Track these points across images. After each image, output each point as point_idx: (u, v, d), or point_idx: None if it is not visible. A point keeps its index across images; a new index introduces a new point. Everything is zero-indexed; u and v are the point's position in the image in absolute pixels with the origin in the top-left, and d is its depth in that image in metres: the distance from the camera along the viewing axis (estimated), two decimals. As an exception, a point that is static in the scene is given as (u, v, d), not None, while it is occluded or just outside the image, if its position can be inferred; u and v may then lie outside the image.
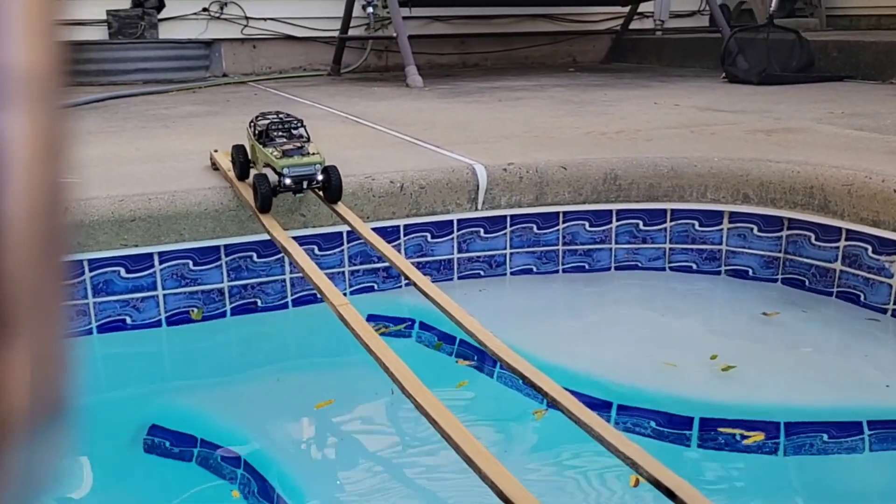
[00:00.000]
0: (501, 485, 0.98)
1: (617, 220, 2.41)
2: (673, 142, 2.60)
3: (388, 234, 2.23)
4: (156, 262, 2.02)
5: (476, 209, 2.31)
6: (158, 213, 1.98)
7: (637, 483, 1.34)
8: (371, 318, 2.14)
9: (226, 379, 1.88)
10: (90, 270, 1.97)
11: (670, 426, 1.62)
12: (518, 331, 2.02)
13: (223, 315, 2.11)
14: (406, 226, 2.26)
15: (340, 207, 1.94)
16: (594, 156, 2.40)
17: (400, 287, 2.27)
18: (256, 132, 1.94)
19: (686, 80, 4.92)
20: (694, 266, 2.42)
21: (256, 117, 1.98)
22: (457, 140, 2.68)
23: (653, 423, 1.64)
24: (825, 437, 1.58)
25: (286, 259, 2.12)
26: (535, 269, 2.42)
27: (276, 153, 1.83)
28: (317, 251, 2.18)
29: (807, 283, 2.25)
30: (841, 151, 2.35)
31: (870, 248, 2.08)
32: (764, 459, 1.54)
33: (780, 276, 2.32)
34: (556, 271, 2.43)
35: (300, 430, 1.69)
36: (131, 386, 1.87)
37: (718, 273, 2.40)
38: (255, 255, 2.12)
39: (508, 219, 2.36)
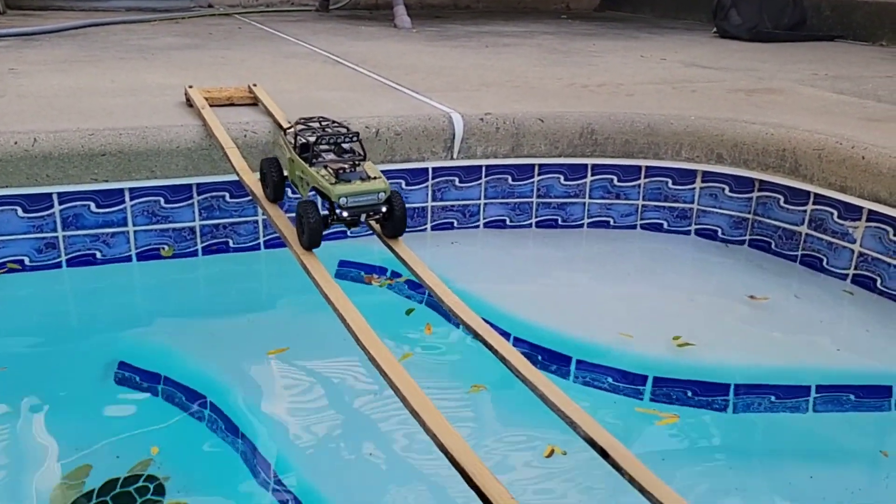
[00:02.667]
0: (444, 438, 1.01)
1: (592, 175, 2.42)
2: (653, 98, 2.59)
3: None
4: (126, 197, 2.02)
5: (452, 158, 2.31)
6: (129, 148, 1.96)
7: (551, 454, 1.38)
8: (343, 264, 2.16)
9: (196, 317, 1.89)
10: (60, 204, 1.96)
11: (625, 382, 1.67)
12: (487, 284, 2.05)
13: (195, 254, 2.12)
14: (381, 173, 2.26)
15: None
16: (573, 109, 2.39)
17: (371, 234, 2.29)
18: (297, 145, 1.56)
19: (677, 32, 4.87)
20: (665, 224, 2.44)
21: (296, 123, 1.63)
22: (437, 86, 2.66)
23: (609, 379, 1.68)
24: (773, 398, 1.63)
25: (258, 200, 2.12)
26: (508, 221, 2.43)
27: (327, 176, 1.45)
28: (290, 194, 2.18)
29: (773, 245, 2.29)
30: (818, 115, 2.36)
31: (835, 213, 2.11)
32: (714, 416, 1.59)
33: (747, 237, 2.35)
34: (530, 224, 2.45)
35: (267, 372, 1.71)
36: (101, 320, 1.88)
37: (688, 233, 2.42)
38: (227, 195, 2.12)
39: (484, 169, 2.36)
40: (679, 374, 1.67)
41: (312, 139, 1.53)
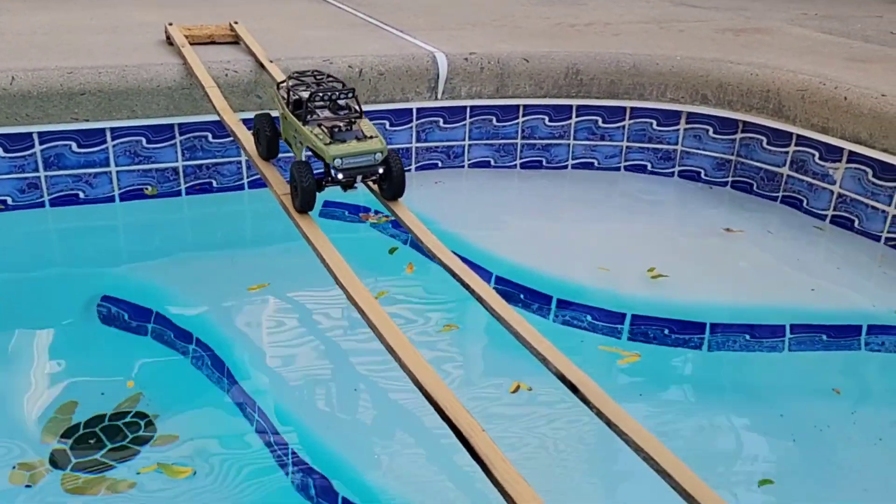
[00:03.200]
0: (418, 374, 1.04)
1: (577, 116, 2.41)
2: (640, 38, 2.57)
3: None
4: (108, 137, 2.01)
5: (436, 98, 2.30)
6: (109, 87, 1.94)
7: (517, 389, 1.42)
8: (327, 204, 2.17)
9: (180, 256, 1.91)
10: (40, 143, 1.95)
11: (604, 320, 1.70)
12: (471, 225, 2.06)
13: (178, 194, 2.12)
14: (364, 112, 2.24)
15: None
16: (559, 49, 2.37)
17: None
18: (290, 101, 1.49)
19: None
20: (649, 165, 2.45)
21: (289, 78, 1.55)
22: (422, 25, 2.63)
23: (589, 317, 1.71)
24: (747, 336, 1.66)
25: (241, 141, 2.11)
26: (492, 162, 2.44)
27: (321, 135, 1.38)
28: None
29: (755, 186, 2.30)
30: (803, 55, 2.35)
31: (817, 155, 2.12)
32: (689, 354, 1.63)
33: (730, 179, 2.36)
34: (514, 165, 2.45)
35: (251, 309, 1.73)
36: (85, 259, 1.89)
37: (672, 174, 2.43)
38: (210, 135, 2.11)
39: (468, 110, 2.35)
40: (656, 311, 1.70)
41: (306, 95, 1.45)
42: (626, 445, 0.97)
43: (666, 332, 1.67)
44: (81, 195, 2.03)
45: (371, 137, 1.39)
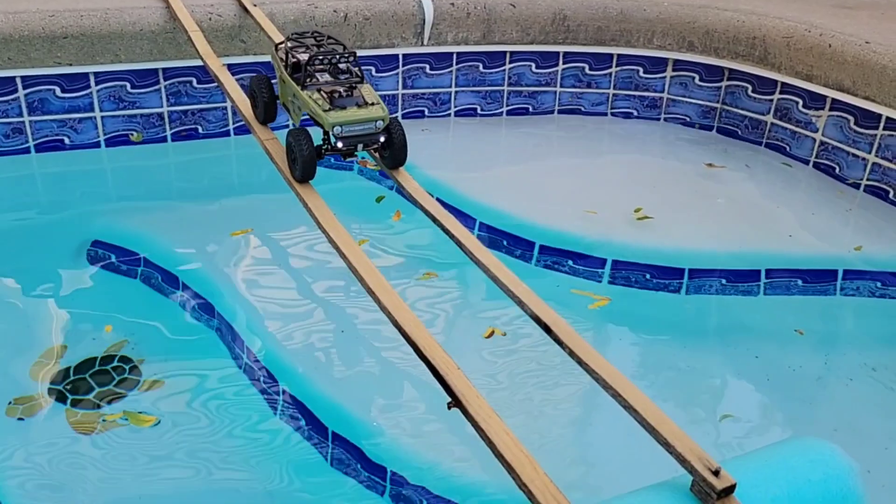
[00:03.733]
0: (397, 315, 1.07)
1: (563, 63, 2.41)
2: (628, -17, 2.55)
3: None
4: (92, 82, 2.00)
5: (422, 44, 2.28)
6: (91, 31, 1.93)
7: (491, 335, 1.46)
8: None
9: (166, 201, 1.92)
10: (24, 88, 1.94)
11: (585, 265, 1.73)
12: (457, 171, 2.07)
13: (163, 140, 2.12)
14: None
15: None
16: (546, -6, 2.35)
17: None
18: (289, 64, 1.42)
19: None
20: (635, 113, 2.45)
21: (288, 39, 1.48)
22: (409, -31, 2.59)
23: (570, 262, 1.74)
24: (724, 281, 1.70)
25: (226, 86, 2.11)
26: (479, 110, 2.44)
27: (321, 101, 1.32)
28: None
29: (739, 133, 2.31)
30: (789, 2, 2.33)
31: (800, 102, 2.13)
32: (669, 297, 1.66)
33: (715, 126, 2.37)
34: (501, 112, 2.45)
35: (236, 253, 1.75)
36: (72, 204, 1.90)
37: (658, 120, 2.44)
38: (194, 80, 2.10)
39: (455, 56, 2.34)
40: (638, 256, 1.73)
41: (305, 58, 1.38)
42: (596, 383, 1.01)
43: (647, 276, 1.70)
44: (67, 141, 2.03)
45: (372, 104, 1.33)
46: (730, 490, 0.86)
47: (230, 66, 1.81)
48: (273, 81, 1.54)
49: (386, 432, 1.23)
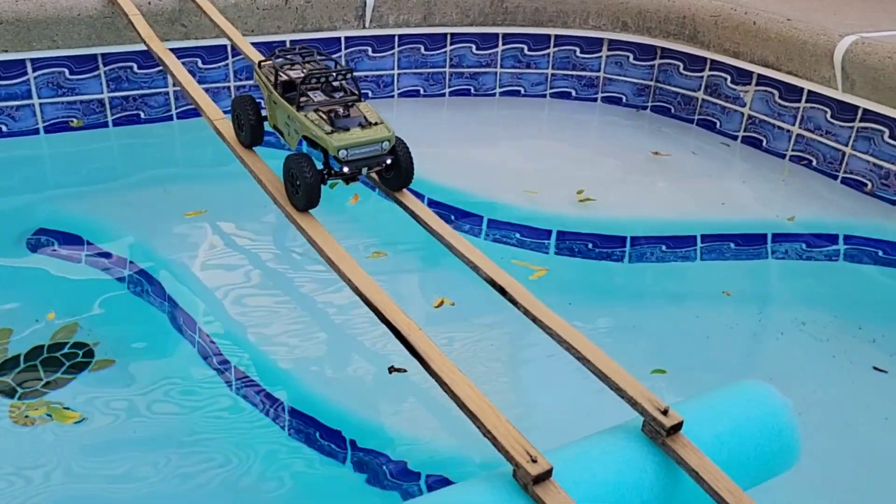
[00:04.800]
0: (357, 282, 1.11)
1: (503, 44, 2.46)
2: (563, -34, 2.61)
3: (274, 49, 2.21)
4: (29, 69, 1.96)
5: (364, 27, 2.31)
6: (27, 16, 1.89)
7: (440, 304, 1.51)
8: (269, 133, 2.17)
9: (110, 187, 1.90)
10: (-43, 76, 1.90)
11: (532, 237, 1.79)
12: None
13: (105, 125, 2.10)
14: (292, 41, 2.24)
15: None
16: (484, -24, 2.40)
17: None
18: (279, 83, 1.31)
19: None
20: (573, 92, 2.53)
21: (274, 56, 1.36)
22: (347, -47, 2.60)
23: (517, 235, 1.80)
24: (663, 247, 1.78)
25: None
26: (422, 91, 2.47)
27: (322, 124, 1.22)
28: (200, 64, 2.16)
29: (672, 110, 2.41)
30: (717, -17, 2.44)
31: (729, 78, 2.23)
32: (611, 265, 1.74)
33: (650, 104, 2.46)
34: (443, 94, 2.49)
35: (183, 235, 1.75)
36: (13, 191, 1.86)
37: (595, 100, 2.52)
38: (135, 65, 2.08)
39: (396, 38, 2.37)
40: (581, 227, 1.81)
41: (296, 75, 1.29)
42: (551, 338, 1.07)
43: (590, 246, 1.77)
44: (4, 129, 1.99)
45: (376, 124, 1.24)
46: (677, 427, 0.92)
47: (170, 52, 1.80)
48: (258, 100, 1.43)
49: (346, 402, 1.27)
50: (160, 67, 2.09)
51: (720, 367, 1.44)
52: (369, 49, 2.35)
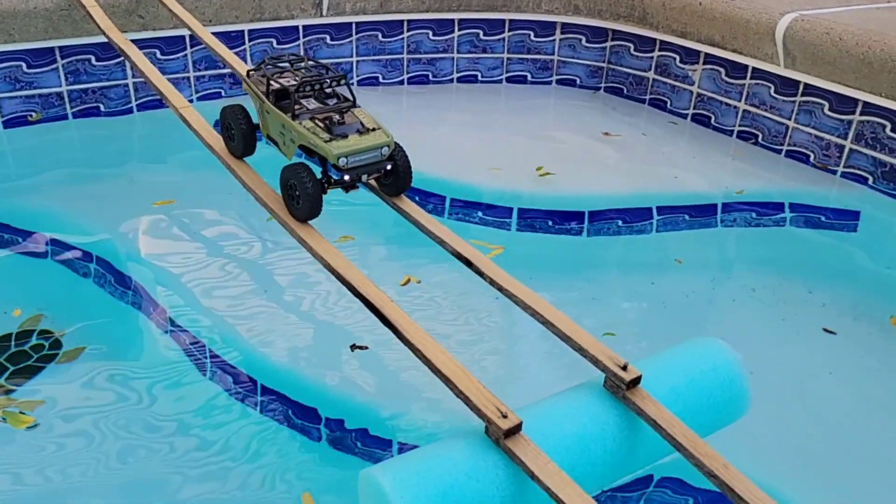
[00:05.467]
0: (330, 259, 1.15)
1: (459, 30, 2.51)
2: (515, -49, 2.67)
3: (233, 38, 2.23)
4: (-15, 63, 1.96)
5: (321, 15, 2.34)
6: (-18, 10, 1.89)
7: (407, 282, 1.57)
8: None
9: (73, 180, 1.90)
10: (-88, 72, 1.89)
11: (494, 215, 1.85)
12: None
13: (64, 118, 2.10)
14: (251, 31, 2.26)
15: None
16: (438, -37, 2.44)
17: (247, 95, 2.31)
18: (271, 91, 1.28)
19: None
20: (529, 76, 2.59)
21: (265, 64, 1.34)
22: (301, -58, 2.62)
23: (479, 213, 1.85)
24: (620, 222, 1.85)
25: (127, 63, 2.10)
26: (381, 78, 2.51)
27: (319, 132, 1.20)
28: (159, 55, 2.16)
29: (625, 90, 2.49)
30: (664, -34, 2.51)
31: (678, 58, 2.32)
32: (570, 239, 1.80)
33: (603, 85, 2.54)
34: (402, 80, 2.54)
35: (148, 225, 1.76)
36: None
37: (550, 83, 2.58)
38: (93, 58, 2.08)
39: (354, 26, 2.40)
40: (541, 204, 1.87)
41: (288, 83, 1.27)
42: (516, 305, 1.12)
43: (550, 222, 1.84)
44: (-38, 124, 1.98)
45: (373, 130, 1.22)
46: (636, 381, 0.99)
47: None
48: (246, 108, 1.41)
49: (315, 379, 1.30)
50: (119, 59, 2.10)
51: (677, 332, 1.51)
52: (327, 37, 2.38)
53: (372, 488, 0.90)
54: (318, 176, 1.24)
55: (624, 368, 0.99)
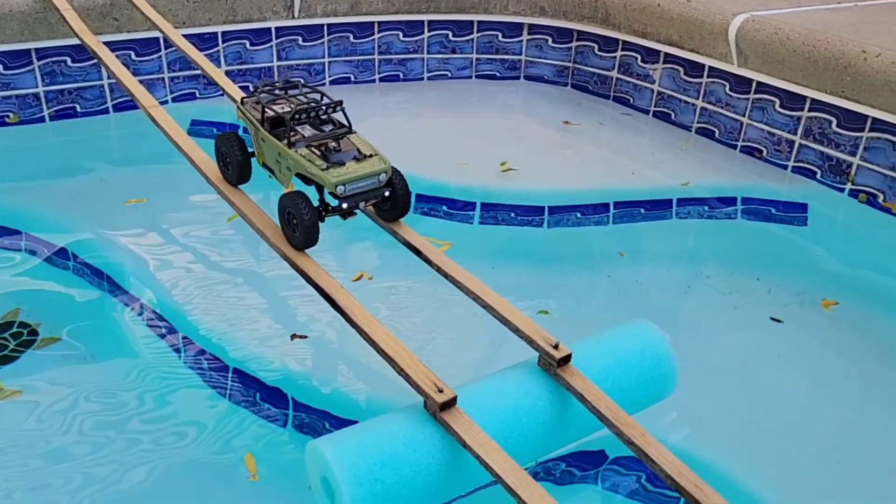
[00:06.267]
0: (286, 250, 1.21)
1: (429, 31, 2.58)
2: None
3: (206, 40, 2.30)
4: (-38, 65, 2.01)
5: (293, 17, 2.40)
6: (-41, 14, 1.94)
7: (359, 278, 1.63)
8: (195, 123, 2.26)
9: (50, 179, 1.96)
10: None
11: (457, 209, 1.91)
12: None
13: (41, 120, 2.15)
14: (224, 32, 2.33)
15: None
16: (407, -34, 2.51)
17: (221, 95, 2.37)
18: (266, 119, 1.27)
19: None
20: (497, 75, 2.66)
21: (258, 91, 1.33)
22: (275, -54, 2.69)
23: (444, 207, 1.92)
24: (578, 214, 1.92)
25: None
26: (353, 78, 2.58)
27: (315, 159, 1.19)
28: (133, 57, 2.22)
29: (590, 89, 2.56)
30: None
31: (639, 58, 2.39)
32: (531, 231, 1.87)
33: (569, 84, 2.61)
34: (373, 80, 2.60)
35: (124, 222, 1.82)
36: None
37: (518, 80, 2.66)
38: (69, 59, 2.14)
39: (325, 27, 2.47)
40: (504, 199, 1.94)
41: (281, 110, 1.26)
42: (460, 290, 1.19)
43: (512, 214, 1.91)
44: (-60, 125, 2.04)
45: (370, 156, 1.21)
46: (566, 359, 1.06)
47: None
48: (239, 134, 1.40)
49: (278, 358, 1.37)
50: (94, 61, 2.16)
51: (630, 318, 1.58)
52: (299, 38, 2.44)
53: (317, 458, 0.96)
54: (316, 203, 1.23)
55: (555, 347, 1.06)
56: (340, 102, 1.26)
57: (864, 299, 1.62)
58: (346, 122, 1.27)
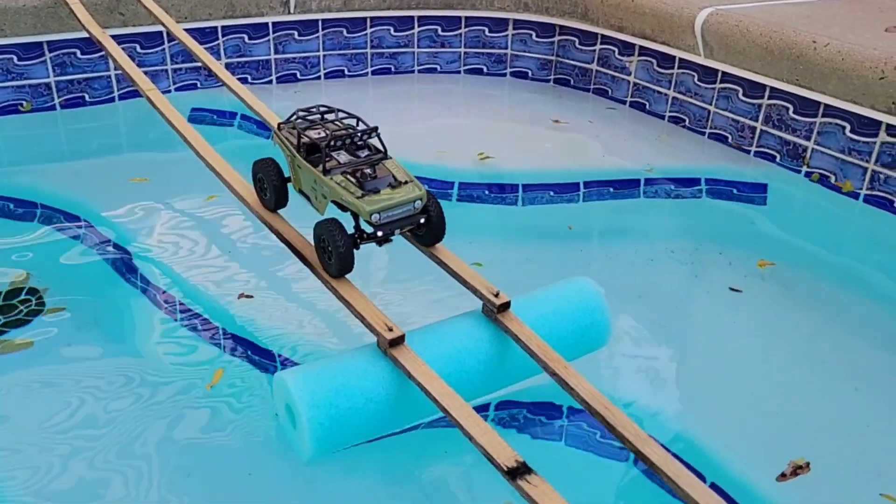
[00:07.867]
0: (275, 223, 1.35)
1: (419, 26, 2.71)
2: (473, -46, 2.87)
3: (207, 35, 2.45)
4: (-20, 56, 2.17)
5: (289, 13, 2.54)
6: (-24, 8, 2.10)
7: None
8: (195, 111, 2.40)
9: (59, 162, 2.11)
10: (-86, 63, 2.10)
11: (436, 188, 2.05)
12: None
13: (52, 108, 2.31)
14: (223, 27, 2.47)
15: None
16: (399, -35, 2.65)
17: (221, 86, 2.52)
18: (302, 146, 1.27)
19: None
20: (485, 69, 2.79)
21: (295, 118, 1.32)
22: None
23: (426, 186, 2.05)
24: (552, 192, 2.05)
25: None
26: (346, 71, 2.72)
27: (351, 187, 1.18)
28: (139, 49, 2.38)
29: (572, 82, 2.69)
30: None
31: (616, 51, 2.51)
32: (507, 209, 1.99)
33: (552, 77, 2.74)
34: (366, 73, 2.74)
35: (127, 198, 1.96)
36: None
37: (505, 75, 2.79)
38: (78, 51, 2.30)
39: (320, 23, 2.61)
40: (480, 178, 2.07)
41: (317, 136, 1.25)
42: (441, 268, 1.31)
43: (487, 192, 2.03)
44: (-41, 111, 2.20)
45: (406, 182, 1.20)
46: (506, 306, 1.19)
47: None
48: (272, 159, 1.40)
49: (272, 321, 1.50)
50: (101, 53, 2.31)
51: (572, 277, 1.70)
52: (295, 33, 2.59)
53: (281, 387, 1.10)
54: (351, 230, 1.23)
55: (496, 295, 1.19)
56: (376, 128, 1.26)
57: (815, 269, 1.74)
58: (381, 148, 1.26)
